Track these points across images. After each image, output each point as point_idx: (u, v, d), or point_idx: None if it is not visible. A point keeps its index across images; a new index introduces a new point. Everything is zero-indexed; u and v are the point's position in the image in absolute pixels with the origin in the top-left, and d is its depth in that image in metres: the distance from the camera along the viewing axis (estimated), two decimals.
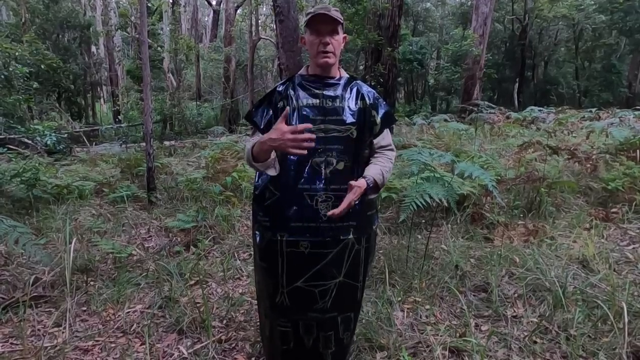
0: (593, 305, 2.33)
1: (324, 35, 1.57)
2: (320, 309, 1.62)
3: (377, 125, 1.69)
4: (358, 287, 1.70)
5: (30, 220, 3.96)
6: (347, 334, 1.72)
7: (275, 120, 1.56)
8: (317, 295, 1.61)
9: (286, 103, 1.61)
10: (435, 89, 22.91)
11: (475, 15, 14.53)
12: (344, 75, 1.70)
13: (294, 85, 1.65)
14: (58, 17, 16.00)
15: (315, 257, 1.58)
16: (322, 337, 1.66)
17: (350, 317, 1.71)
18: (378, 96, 1.73)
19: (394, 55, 8.65)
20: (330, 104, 1.61)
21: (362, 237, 1.65)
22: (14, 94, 9.15)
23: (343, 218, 1.56)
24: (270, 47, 20.10)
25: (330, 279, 1.60)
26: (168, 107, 13.23)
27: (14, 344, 2.21)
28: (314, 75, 1.66)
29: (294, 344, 1.68)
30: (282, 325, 1.67)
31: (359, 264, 1.67)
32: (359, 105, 1.63)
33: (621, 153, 4.94)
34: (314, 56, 1.62)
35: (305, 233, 1.57)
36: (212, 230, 3.70)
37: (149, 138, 4.72)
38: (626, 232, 3.53)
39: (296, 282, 1.60)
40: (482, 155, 4.42)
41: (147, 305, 2.58)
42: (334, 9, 1.62)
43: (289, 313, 1.64)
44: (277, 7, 6.16)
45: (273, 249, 1.60)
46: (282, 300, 1.63)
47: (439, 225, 3.69)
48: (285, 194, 1.59)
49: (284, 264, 1.60)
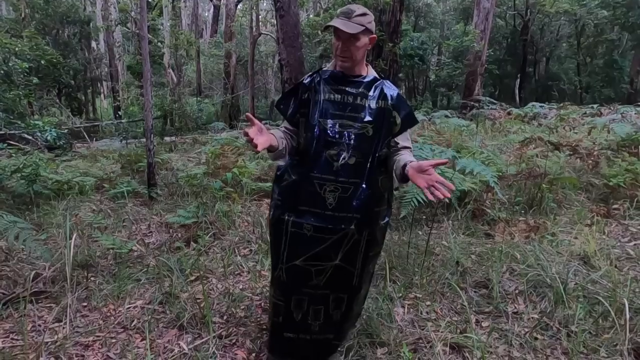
0: (594, 302, 2.33)
1: (343, 41, 1.62)
2: (314, 285, 1.72)
3: (397, 126, 1.73)
4: (354, 272, 1.76)
5: (31, 216, 3.95)
6: (337, 312, 1.79)
7: (298, 110, 1.72)
8: (312, 274, 1.70)
9: (310, 95, 1.70)
10: (437, 84, 22.82)
11: (477, 10, 14.45)
12: (370, 74, 1.74)
13: (320, 79, 1.72)
14: (58, 12, 15.93)
15: (316, 241, 1.67)
16: (311, 310, 1.75)
17: (342, 298, 1.78)
18: (402, 97, 1.77)
19: (395, 51, 8.61)
20: (351, 100, 1.68)
21: (365, 230, 1.69)
22: (14, 89, 9.12)
23: (347, 209, 1.64)
24: (271, 42, 20.02)
25: (327, 261, 1.69)
26: (168, 103, 13.19)
27: (14, 339, 2.21)
28: (340, 71, 1.71)
29: (283, 318, 1.77)
30: (276, 297, 1.78)
31: (357, 252, 1.73)
32: (379, 105, 1.69)
33: (623, 149, 4.93)
34: (335, 56, 1.69)
35: (310, 217, 1.66)
36: (213, 226, 3.70)
37: (149, 134, 4.71)
38: (627, 229, 3.52)
39: (295, 260, 1.69)
40: (483, 152, 4.41)
41: (147, 300, 2.58)
42: (358, 12, 1.60)
43: (284, 287, 1.75)
44: (277, 2, 6.13)
45: (279, 227, 1.72)
46: (279, 275, 1.74)
47: (439, 222, 3.68)
48: (299, 179, 1.70)
49: (287, 242, 1.70)
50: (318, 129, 1.65)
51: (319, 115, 1.66)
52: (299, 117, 1.74)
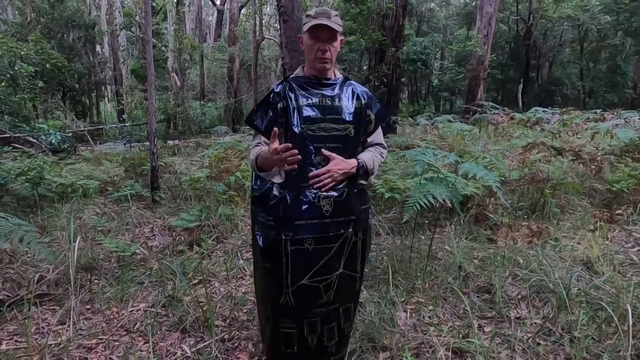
0: (597, 308, 2.31)
1: (323, 42, 1.62)
2: (324, 302, 1.66)
3: (372, 124, 1.76)
4: (357, 277, 1.76)
5: (35, 219, 3.98)
6: (348, 324, 1.78)
7: (276, 120, 1.63)
8: (321, 290, 1.65)
9: (286, 103, 1.64)
10: (439, 89, 22.86)
11: (480, 15, 14.49)
12: (339, 76, 1.76)
13: (292, 86, 1.68)
14: (63, 16, 16.07)
15: (319, 253, 1.62)
16: (326, 330, 1.69)
17: (350, 307, 1.77)
18: (371, 95, 1.80)
19: (398, 56, 8.61)
20: (330, 103, 1.67)
21: (360, 230, 1.72)
22: (19, 92, 9.18)
23: (344, 212, 1.64)
24: (274, 46, 20.12)
25: (333, 272, 1.65)
26: (172, 107, 13.25)
27: (18, 341, 2.23)
28: (313, 76, 1.71)
29: (298, 347, 1.68)
30: (285, 327, 1.67)
31: (357, 255, 1.73)
32: (355, 105, 1.70)
33: (626, 154, 4.92)
34: (311, 60, 1.67)
35: (310, 230, 1.60)
36: (216, 229, 3.71)
37: (152, 137, 4.73)
38: (631, 234, 3.51)
39: (301, 279, 1.62)
40: (486, 156, 4.40)
41: (150, 304, 2.59)
42: (334, 13, 1.64)
43: (294, 313, 1.65)
44: (281, 7, 6.16)
45: (277, 249, 1.62)
46: (286, 301, 1.64)
47: (442, 226, 3.68)
48: (290, 193, 1.62)
49: (289, 263, 1.62)
50: (302, 136, 1.60)
51: (300, 122, 1.61)
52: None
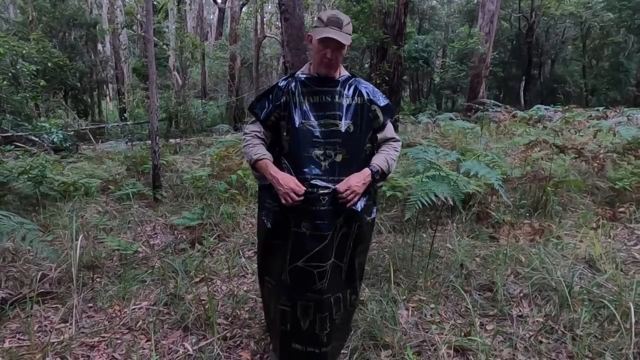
0: (599, 306, 2.31)
1: (331, 50, 1.67)
2: (318, 289, 1.71)
3: (379, 118, 1.81)
4: (342, 267, 1.79)
5: (37, 217, 3.99)
6: (339, 315, 1.82)
7: (275, 112, 1.75)
8: (315, 276, 1.70)
9: (288, 99, 1.74)
10: (441, 87, 22.81)
11: (482, 13, 14.44)
12: (344, 74, 1.81)
13: (296, 83, 1.76)
14: (65, 15, 16.10)
15: (315, 239, 1.68)
16: (318, 319, 1.75)
17: (339, 297, 1.81)
18: (376, 90, 1.84)
19: (400, 54, 8.58)
20: (330, 99, 1.73)
21: (354, 223, 1.74)
22: (21, 91, 9.20)
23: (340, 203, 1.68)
24: (276, 45, 20.09)
25: (326, 260, 1.71)
26: (174, 105, 13.26)
27: (21, 339, 2.23)
28: (316, 74, 1.76)
29: (290, 325, 1.76)
30: (282, 303, 1.77)
31: (346, 246, 1.77)
32: (356, 101, 1.76)
33: (629, 152, 4.89)
34: (318, 62, 1.73)
35: (307, 216, 1.68)
36: (217, 227, 3.71)
37: (154, 136, 4.74)
38: (633, 232, 3.50)
39: (297, 261, 1.70)
40: (488, 154, 4.39)
41: (152, 302, 2.59)
42: (346, 22, 1.67)
43: (289, 292, 1.74)
44: (282, 5, 6.15)
45: (284, 228, 1.73)
46: (285, 278, 1.74)
47: (444, 224, 3.67)
48: None
49: (291, 243, 1.71)
50: (302, 130, 1.70)
51: (302, 118, 1.71)
52: (273, 120, 1.77)
